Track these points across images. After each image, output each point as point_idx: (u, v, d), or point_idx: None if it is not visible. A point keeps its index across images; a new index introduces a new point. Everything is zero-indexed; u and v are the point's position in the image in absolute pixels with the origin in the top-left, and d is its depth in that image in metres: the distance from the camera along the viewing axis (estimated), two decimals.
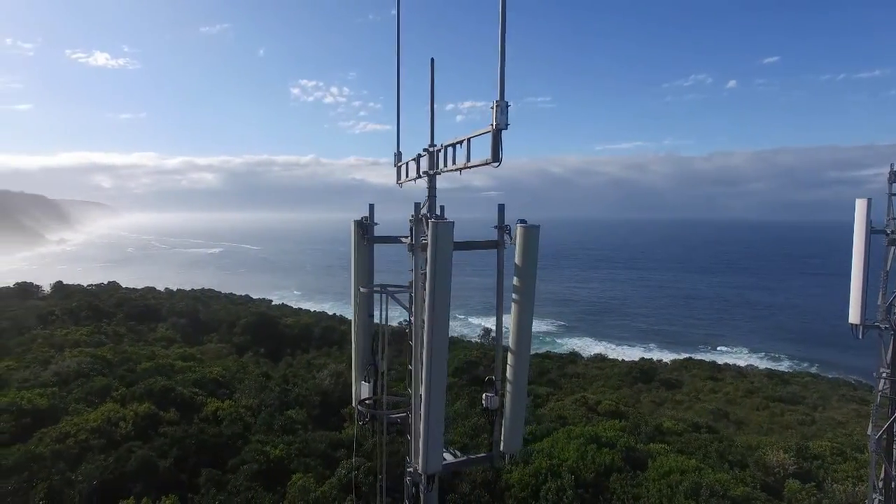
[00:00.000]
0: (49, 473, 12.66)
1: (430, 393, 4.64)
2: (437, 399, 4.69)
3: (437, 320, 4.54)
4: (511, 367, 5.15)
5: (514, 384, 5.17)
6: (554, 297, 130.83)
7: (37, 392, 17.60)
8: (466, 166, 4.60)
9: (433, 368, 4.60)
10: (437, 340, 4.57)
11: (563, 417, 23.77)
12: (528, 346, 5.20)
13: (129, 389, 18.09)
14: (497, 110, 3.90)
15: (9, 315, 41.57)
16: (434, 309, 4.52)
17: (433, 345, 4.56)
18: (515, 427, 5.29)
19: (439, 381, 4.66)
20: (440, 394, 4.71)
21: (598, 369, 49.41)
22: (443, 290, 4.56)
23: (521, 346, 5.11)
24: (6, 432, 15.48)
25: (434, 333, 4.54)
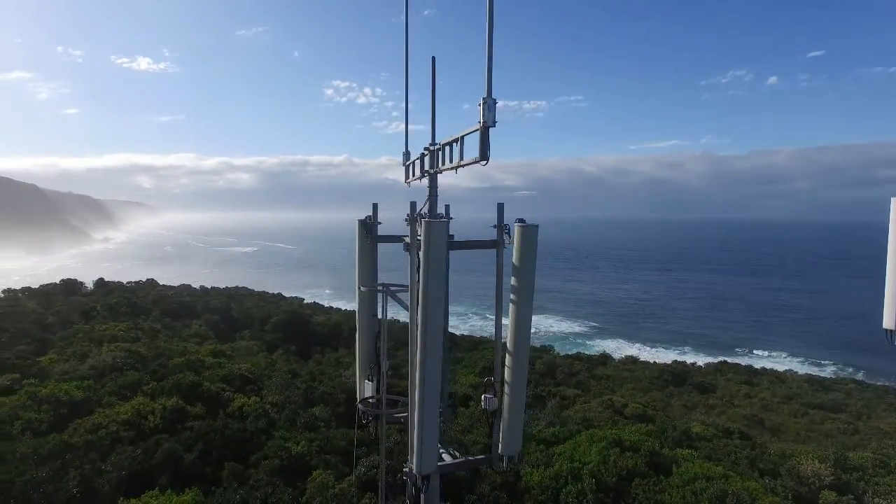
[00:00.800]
0: (81, 462, 13.12)
1: (423, 393, 4.62)
2: (430, 399, 4.67)
3: (430, 319, 4.52)
4: (509, 369, 5.09)
5: (513, 386, 5.10)
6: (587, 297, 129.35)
7: (74, 384, 18.28)
8: (460, 164, 4.56)
9: (427, 368, 4.58)
10: (431, 339, 4.55)
11: (588, 420, 23.43)
12: (527, 347, 5.12)
13: (159, 384, 18.61)
14: (484, 107, 3.85)
15: (54, 310, 43.32)
16: (427, 308, 4.50)
17: (427, 344, 4.54)
18: (514, 429, 5.22)
19: (433, 381, 4.64)
20: (434, 394, 4.69)
21: (628, 371, 48.62)
22: (436, 289, 4.53)
23: (519, 347, 5.04)
24: (45, 422, 16.13)
25: (427, 332, 4.52)
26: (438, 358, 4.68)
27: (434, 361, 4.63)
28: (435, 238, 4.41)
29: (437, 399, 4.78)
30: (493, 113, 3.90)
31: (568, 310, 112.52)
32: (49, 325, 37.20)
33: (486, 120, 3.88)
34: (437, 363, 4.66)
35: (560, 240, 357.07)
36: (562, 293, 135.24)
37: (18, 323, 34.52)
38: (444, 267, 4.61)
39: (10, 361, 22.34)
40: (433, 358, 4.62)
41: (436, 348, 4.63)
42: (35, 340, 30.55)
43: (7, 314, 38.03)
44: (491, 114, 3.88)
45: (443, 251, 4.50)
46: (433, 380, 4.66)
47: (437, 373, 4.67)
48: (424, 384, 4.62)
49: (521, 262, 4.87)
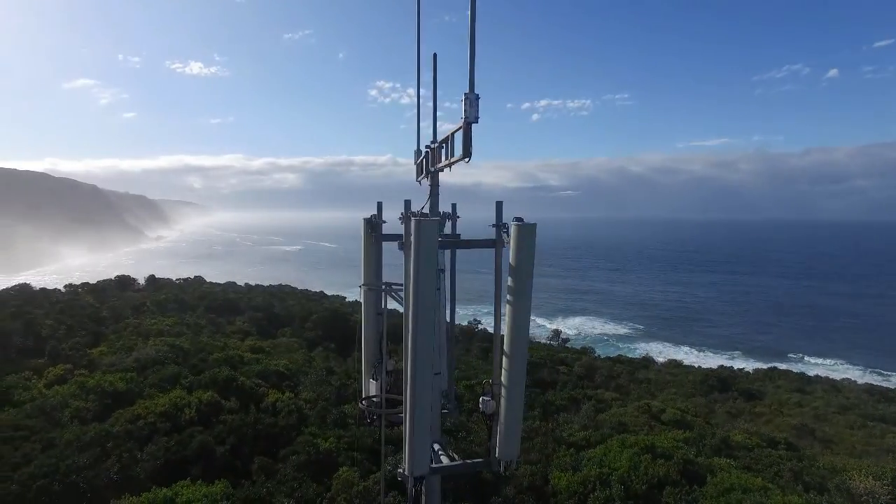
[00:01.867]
0: (120, 451, 13.68)
1: (414, 394, 4.57)
2: (421, 400, 4.61)
3: (420, 318, 4.47)
4: (506, 372, 4.96)
5: (510, 389, 4.97)
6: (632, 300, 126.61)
7: (118, 376, 19.12)
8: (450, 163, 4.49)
9: (417, 368, 4.53)
10: (421, 339, 4.49)
11: (623, 424, 22.89)
12: (525, 349, 4.98)
13: (196, 378, 19.24)
14: (466, 103, 3.77)
15: (108, 305, 45.47)
16: (418, 307, 4.45)
17: (416, 344, 4.49)
18: (511, 434, 5.09)
19: (423, 380, 4.58)
20: (425, 395, 4.63)
21: (671, 375, 47.27)
22: (427, 290, 4.47)
23: (516, 349, 4.91)
24: (91, 411, 16.94)
25: (417, 333, 4.47)
26: (429, 358, 4.62)
27: (425, 361, 4.58)
28: (425, 236, 4.35)
29: (429, 400, 4.72)
30: (476, 109, 3.81)
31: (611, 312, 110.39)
32: (103, 318, 39.04)
33: (468, 116, 3.80)
34: (427, 363, 4.60)
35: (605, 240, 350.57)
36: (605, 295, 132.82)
37: (76, 316, 36.38)
38: (436, 266, 4.53)
39: (65, 352, 23.57)
40: (424, 358, 4.56)
41: (426, 348, 4.57)
42: (89, 333, 32.13)
43: (67, 308, 40.13)
44: (473, 110, 3.79)
45: (434, 250, 4.44)
46: (423, 380, 4.60)
47: (427, 373, 4.61)
48: (415, 384, 4.57)
49: (518, 262, 4.74)
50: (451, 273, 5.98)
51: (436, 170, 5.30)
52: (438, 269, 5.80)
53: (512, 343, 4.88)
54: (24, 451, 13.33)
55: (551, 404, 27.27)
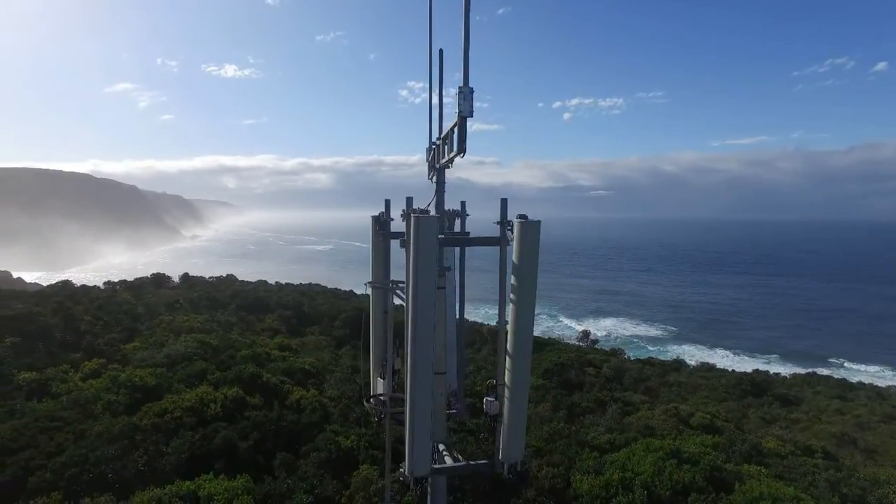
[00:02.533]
0: (147, 444, 14.01)
1: (414, 394, 4.52)
2: (421, 400, 4.55)
3: (419, 318, 4.41)
4: (509, 372, 4.87)
5: (514, 390, 4.87)
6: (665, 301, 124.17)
7: (149, 371, 19.62)
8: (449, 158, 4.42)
9: (416, 368, 4.47)
10: (420, 339, 4.44)
11: (650, 428, 22.36)
12: (529, 349, 4.87)
13: (223, 374, 19.58)
14: (460, 97, 3.69)
15: (144, 302, 46.75)
16: (417, 304, 4.39)
17: (416, 343, 4.44)
18: (515, 435, 4.99)
19: (423, 381, 4.52)
20: (425, 395, 4.57)
21: (703, 379, 46.11)
22: (426, 287, 4.41)
23: (520, 349, 4.81)
24: (122, 404, 17.42)
25: (417, 331, 4.41)
26: (429, 357, 4.56)
27: (424, 360, 4.52)
28: (424, 233, 4.28)
29: (429, 400, 4.65)
30: (470, 103, 3.74)
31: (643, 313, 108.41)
32: (138, 315, 40.14)
33: (463, 110, 3.73)
34: (426, 362, 4.54)
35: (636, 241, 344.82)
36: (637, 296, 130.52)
37: (113, 313, 37.52)
38: (435, 263, 4.47)
39: (100, 347, 24.33)
40: (423, 357, 4.50)
41: (426, 347, 4.51)
42: (125, 329, 33.08)
43: (105, 304, 41.45)
44: (467, 104, 3.71)
45: (433, 247, 4.37)
46: (423, 379, 4.54)
47: (426, 372, 4.55)
48: (415, 383, 4.51)
49: (522, 260, 4.63)
50: (460, 271, 5.90)
51: (440, 166, 5.24)
52: (444, 267, 5.76)
53: (515, 342, 4.79)
54: (58, 441, 13.78)
55: (577, 406, 26.90)
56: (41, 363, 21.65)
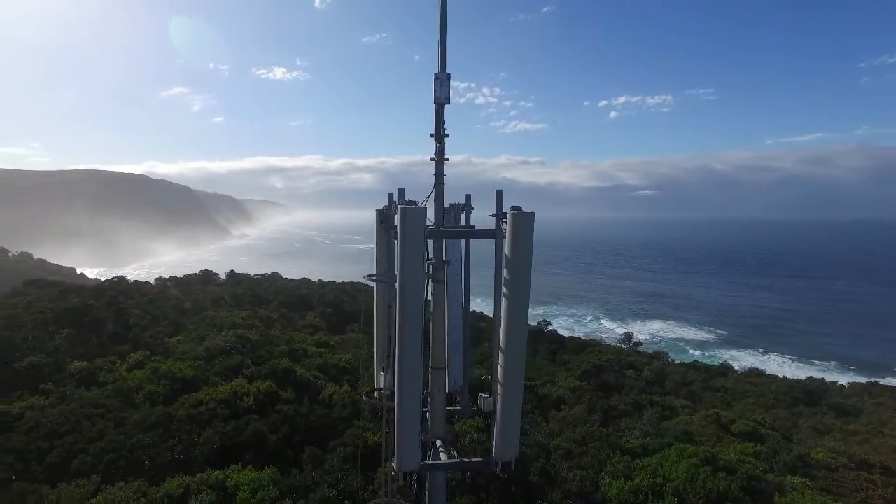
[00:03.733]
0: (180, 433, 14.49)
1: (402, 387, 4.47)
2: (409, 394, 4.49)
3: (407, 311, 4.35)
4: (502, 368, 4.75)
5: (507, 387, 4.75)
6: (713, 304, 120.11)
7: (188, 364, 20.32)
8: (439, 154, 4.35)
9: (404, 362, 4.42)
10: (408, 331, 4.38)
11: (689, 433, 21.61)
12: (522, 345, 4.74)
13: (258, 368, 20.06)
14: (437, 84, 3.61)
15: (191, 298, 48.54)
16: (404, 299, 4.33)
17: (404, 337, 4.38)
18: (509, 433, 4.86)
19: (411, 375, 4.47)
20: (413, 388, 4.51)
21: (751, 385, 44.32)
22: (414, 279, 4.35)
23: (513, 345, 4.68)
24: (161, 394, 18.11)
25: (405, 325, 4.36)
26: (419, 352, 4.50)
27: (413, 355, 4.46)
28: (411, 225, 4.22)
29: (418, 394, 4.60)
30: (446, 89, 3.66)
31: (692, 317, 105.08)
32: (185, 310, 41.71)
33: (440, 96, 3.64)
34: (415, 357, 4.48)
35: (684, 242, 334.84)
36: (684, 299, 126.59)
37: (161, 307, 39.12)
38: (423, 255, 4.40)
39: (145, 340, 25.36)
40: (412, 352, 4.45)
41: (415, 342, 4.45)
42: (172, 323, 34.44)
43: (155, 300, 43.25)
44: (444, 90, 3.64)
45: (420, 238, 4.30)
46: (412, 374, 4.48)
47: (415, 365, 4.49)
48: (402, 378, 4.46)
49: (515, 254, 4.50)
50: (465, 265, 5.82)
51: (438, 159, 5.17)
52: (443, 261, 5.68)
53: (508, 338, 4.66)
54: (100, 427, 14.43)
55: (614, 409, 26.25)
56: (92, 353, 22.75)
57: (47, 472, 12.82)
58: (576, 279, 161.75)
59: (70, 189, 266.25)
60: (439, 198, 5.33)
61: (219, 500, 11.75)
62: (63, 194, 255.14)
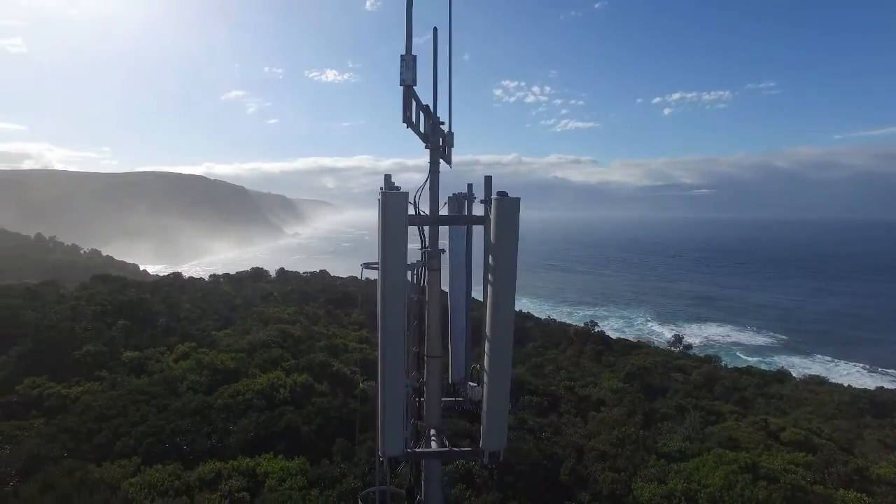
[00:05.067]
0: (217, 421, 15.03)
1: (385, 375, 4.47)
2: (392, 381, 4.48)
3: (388, 298, 4.34)
4: (489, 358, 4.66)
5: (494, 377, 4.66)
6: (775, 308, 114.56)
7: (230, 356, 21.06)
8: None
9: (387, 348, 4.41)
10: (390, 319, 4.36)
11: (734, 440, 20.69)
12: (509, 334, 4.63)
13: (296, 362, 20.57)
14: (402, 65, 3.59)
15: (242, 294, 50.27)
16: (385, 287, 4.33)
17: (385, 324, 4.37)
18: (497, 423, 4.76)
19: (394, 361, 4.45)
20: (397, 376, 4.50)
21: (810, 393, 41.99)
22: (395, 267, 4.32)
23: (499, 334, 4.58)
24: (203, 384, 18.84)
25: (386, 312, 4.35)
26: (400, 339, 4.49)
27: (395, 341, 4.44)
28: (391, 211, 4.20)
29: (401, 380, 4.58)
30: (412, 71, 3.63)
31: (749, 321, 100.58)
32: (236, 306, 43.24)
33: (406, 78, 3.62)
34: (397, 343, 4.46)
35: (743, 242, 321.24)
36: (743, 303, 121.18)
37: (212, 302, 40.71)
38: (404, 242, 4.38)
39: (192, 333, 26.44)
40: (393, 337, 4.44)
41: (396, 329, 4.44)
42: (221, 318, 35.78)
43: (206, 295, 45.10)
44: (409, 72, 3.61)
45: (401, 225, 4.28)
46: (394, 359, 4.47)
47: (397, 353, 4.48)
48: (385, 364, 4.46)
49: (500, 240, 4.41)
50: (467, 253, 5.79)
51: (433, 147, 5.14)
52: (438, 249, 5.65)
53: (494, 327, 4.57)
54: (143, 413, 15.17)
55: (656, 412, 25.49)
56: (144, 344, 23.92)
57: (95, 452, 13.58)
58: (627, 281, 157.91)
59: (135, 190, 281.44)
60: (434, 186, 5.30)
61: (248, 487, 12.11)
62: (129, 195, 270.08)
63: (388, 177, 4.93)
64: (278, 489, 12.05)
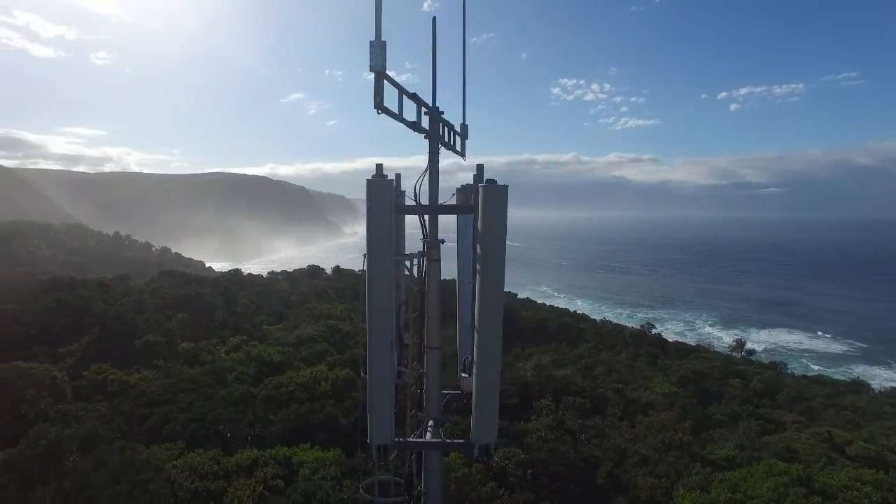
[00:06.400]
0: (258, 411, 15.55)
1: (372, 363, 4.49)
2: (379, 370, 4.50)
3: (373, 285, 4.34)
4: (477, 349, 4.58)
5: (483, 368, 4.57)
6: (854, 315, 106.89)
7: (277, 349, 21.76)
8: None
9: (373, 336, 4.42)
10: (376, 309, 4.38)
11: (793, 451, 19.45)
12: (498, 324, 4.53)
13: (339, 356, 21.00)
14: (372, 52, 3.57)
15: (298, 291, 51.88)
16: (371, 273, 4.33)
17: (372, 313, 4.39)
18: (487, 416, 4.67)
19: (381, 349, 4.46)
20: (383, 364, 4.51)
21: (891, 406, 38.99)
22: (380, 255, 4.32)
23: (488, 324, 4.49)
24: (251, 375, 19.55)
25: (372, 302, 4.37)
26: (386, 327, 4.49)
27: (381, 330, 4.45)
28: (376, 199, 4.19)
29: (388, 368, 4.58)
30: (381, 56, 3.60)
31: (824, 328, 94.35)
32: (290, 302, 44.66)
33: (374, 64, 3.60)
34: (384, 332, 4.47)
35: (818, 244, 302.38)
36: (818, 309, 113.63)
37: (267, 298, 42.22)
38: (390, 231, 4.36)
39: (245, 326, 27.50)
40: (380, 326, 4.44)
41: (383, 318, 4.44)
42: (275, 313, 37.05)
43: (263, 291, 46.80)
44: (378, 59, 3.59)
45: (386, 213, 4.26)
46: (381, 347, 4.48)
47: (385, 342, 4.48)
48: (372, 352, 4.48)
49: (487, 229, 4.32)
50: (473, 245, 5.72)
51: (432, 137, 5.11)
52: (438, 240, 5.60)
53: (482, 317, 4.48)
54: (190, 401, 15.91)
55: (708, 418, 24.37)
56: (199, 336, 25.09)
57: (145, 435, 14.36)
58: (690, 283, 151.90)
59: (202, 191, 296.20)
60: (434, 176, 5.27)
61: (283, 475, 12.47)
62: (197, 196, 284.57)
63: (379, 166, 4.94)
64: (311, 478, 12.32)
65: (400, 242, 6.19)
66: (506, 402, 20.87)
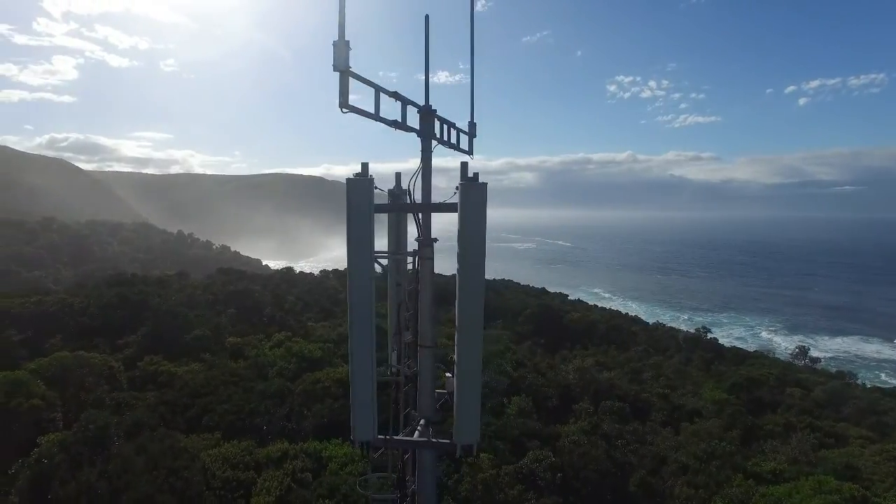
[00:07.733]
0: (294, 405, 15.97)
1: (354, 362, 4.54)
2: (361, 368, 4.54)
3: (354, 283, 4.40)
4: (457, 349, 4.54)
5: (464, 368, 4.53)
6: None
7: (317, 346, 22.26)
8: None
9: (354, 336, 4.48)
10: (357, 307, 4.42)
11: (851, 468, 18.17)
12: (479, 323, 4.48)
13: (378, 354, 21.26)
14: (335, 51, 3.59)
15: None
16: (351, 271, 4.38)
17: (353, 312, 4.43)
18: (469, 416, 4.62)
19: (362, 349, 4.50)
20: (365, 361, 4.54)
21: None
22: (360, 252, 4.36)
23: (468, 323, 4.45)
24: (291, 371, 20.08)
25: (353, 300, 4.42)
26: (368, 325, 4.52)
27: (362, 329, 4.49)
28: (356, 196, 4.23)
29: (369, 367, 4.61)
30: (344, 56, 3.61)
31: None
32: (339, 300, 45.58)
33: (337, 64, 3.61)
34: (366, 330, 4.51)
35: None
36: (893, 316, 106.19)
37: (315, 296, 43.28)
38: (370, 229, 4.38)
39: (289, 323, 28.30)
40: (361, 325, 4.49)
41: (364, 315, 4.48)
42: (322, 310, 37.94)
43: (312, 289, 48.00)
44: (341, 58, 3.60)
45: (366, 211, 4.29)
46: (362, 347, 4.52)
47: (367, 340, 4.53)
48: (353, 352, 4.53)
49: (467, 226, 4.28)
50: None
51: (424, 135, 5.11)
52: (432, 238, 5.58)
53: (462, 316, 4.44)
54: (229, 393, 16.50)
55: (760, 428, 23.16)
56: (246, 331, 25.99)
57: (185, 424, 15.02)
58: (753, 287, 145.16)
59: (261, 191, 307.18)
60: (426, 175, 5.25)
61: (311, 468, 12.74)
62: (256, 196, 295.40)
63: (364, 165, 4.95)
64: (338, 473, 12.53)
65: (402, 241, 6.22)
66: (495, 399, 20.56)
